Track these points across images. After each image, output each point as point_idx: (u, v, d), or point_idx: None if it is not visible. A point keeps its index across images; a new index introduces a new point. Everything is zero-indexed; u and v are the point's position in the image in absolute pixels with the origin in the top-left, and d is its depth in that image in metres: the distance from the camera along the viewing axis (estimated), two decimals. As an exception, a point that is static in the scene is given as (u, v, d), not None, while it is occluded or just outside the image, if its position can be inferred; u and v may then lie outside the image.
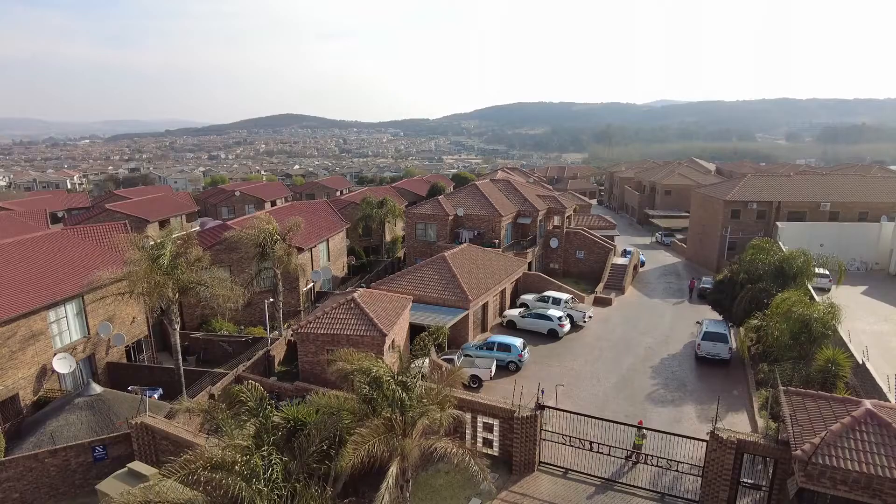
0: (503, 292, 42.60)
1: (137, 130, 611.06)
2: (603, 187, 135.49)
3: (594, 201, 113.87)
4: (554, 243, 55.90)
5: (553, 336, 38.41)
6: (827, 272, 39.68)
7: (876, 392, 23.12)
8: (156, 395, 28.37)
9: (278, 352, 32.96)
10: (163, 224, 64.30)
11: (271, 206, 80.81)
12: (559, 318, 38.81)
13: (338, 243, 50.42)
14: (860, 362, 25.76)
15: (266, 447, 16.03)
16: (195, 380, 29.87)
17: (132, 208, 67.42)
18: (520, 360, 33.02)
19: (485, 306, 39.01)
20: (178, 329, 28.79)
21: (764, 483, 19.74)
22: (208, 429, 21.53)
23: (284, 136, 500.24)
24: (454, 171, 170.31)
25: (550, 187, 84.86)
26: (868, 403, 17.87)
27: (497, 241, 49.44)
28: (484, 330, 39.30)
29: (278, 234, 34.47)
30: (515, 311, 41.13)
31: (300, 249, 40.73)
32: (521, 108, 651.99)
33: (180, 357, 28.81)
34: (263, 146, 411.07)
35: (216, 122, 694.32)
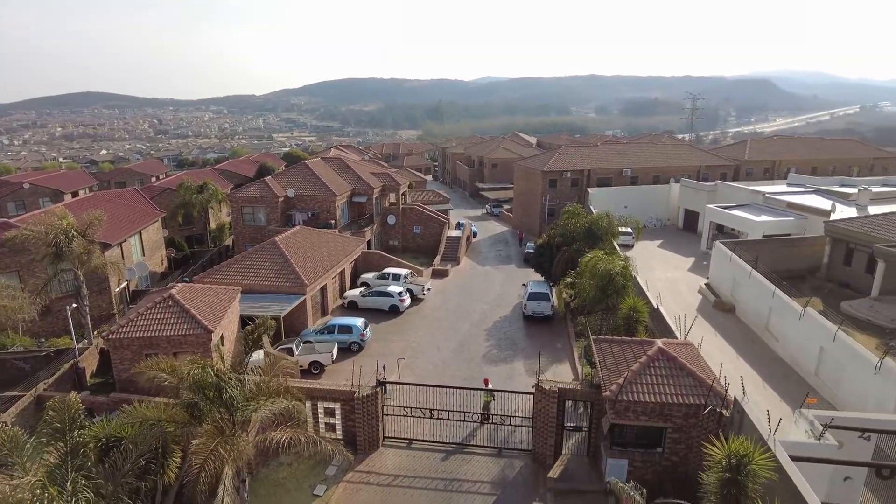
0: (342, 273, 42.02)
1: None
2: (437, 163, 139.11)
3: (429, 177, 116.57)
4: (391, 220, 56.30)
5: (395, 312, 38.86)
6: (630, 230, 44.90)
7: (668, 331, 26.76)
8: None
9: (89, 363, 29.23)
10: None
11: (73, 197, 70.80)
12: (399, 294, 39.34)
13: (153, 235, 45.68)
14: (656, 307, 29.62)
15: (70, 474, 14.16)
16: (-22, 408, 25.34)
17: None
18: (362, 340, 32.92)
19: (324, 289, 38.15)
20: (-51, 351, 24.11)
21: (584, 425, 22.00)
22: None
23: (86, 118, 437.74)
24: (286, 149, 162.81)
25: (386, 164, 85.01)
26: (659, 342, 20.62)
27: (333, 221, 48.43)
28: (325, 313, 38.51)
29: (75, 230, 30.18)
30: (356, 291, 40.83)
31: (106, 245, 36.25)
32: (352, 84, 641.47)
33: (-45, 384, 24.21)
34: (60, 129, 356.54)
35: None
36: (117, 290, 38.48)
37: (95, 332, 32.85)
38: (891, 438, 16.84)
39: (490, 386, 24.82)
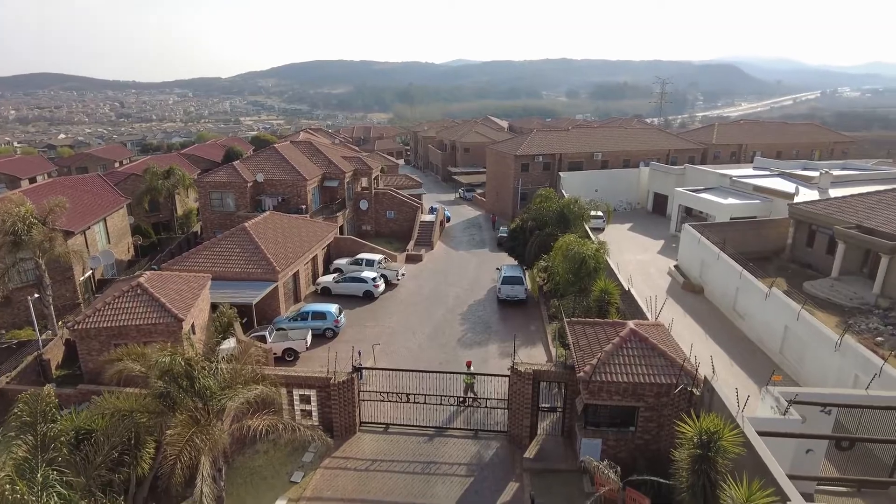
0: (315, 259, 41.58)
1: None
2: (409, 147, 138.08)
3: (401, 161, 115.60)
4: (364, 205, 55.84)
5: (369, 297, 38.71)
6: (601, 214, 45.36)
7: (639, 313, 27.25)
8: None
9: (55, 354, 28.40)
10: None
11: (30, 183, 68.30)
12: (373, 280, 39.16)
13: (118, 222, 44.42)
14: (627, 289, 30.12)
15: (40, 468, 13.82)
16: (-65, 405, 24.43)
17: None
18: (336, 326, 32.74)
19: (296, 276, 37.73)
20: None
21: (559, 405, 22.35)
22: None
23: (42, 100, 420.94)
24: (254, 132, 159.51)
25: (357, 148, 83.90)
26: (631, 324, 20.98)
27: (304, 206, 47.77)
28: (298, 300, 38.13)
29: (35, 217, 29.16)
30: (329, 277, 40.51)
31: (69, 233, 35.14)
32: (321, 66, 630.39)
33: (-89, 379, 23.31)
34: (14, 112, 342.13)
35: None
36: (82, 279, 37.42)
37: (60, 323, 31.98)
38: (849, 412, 17.58)
39: (472, 369, 25.08)
